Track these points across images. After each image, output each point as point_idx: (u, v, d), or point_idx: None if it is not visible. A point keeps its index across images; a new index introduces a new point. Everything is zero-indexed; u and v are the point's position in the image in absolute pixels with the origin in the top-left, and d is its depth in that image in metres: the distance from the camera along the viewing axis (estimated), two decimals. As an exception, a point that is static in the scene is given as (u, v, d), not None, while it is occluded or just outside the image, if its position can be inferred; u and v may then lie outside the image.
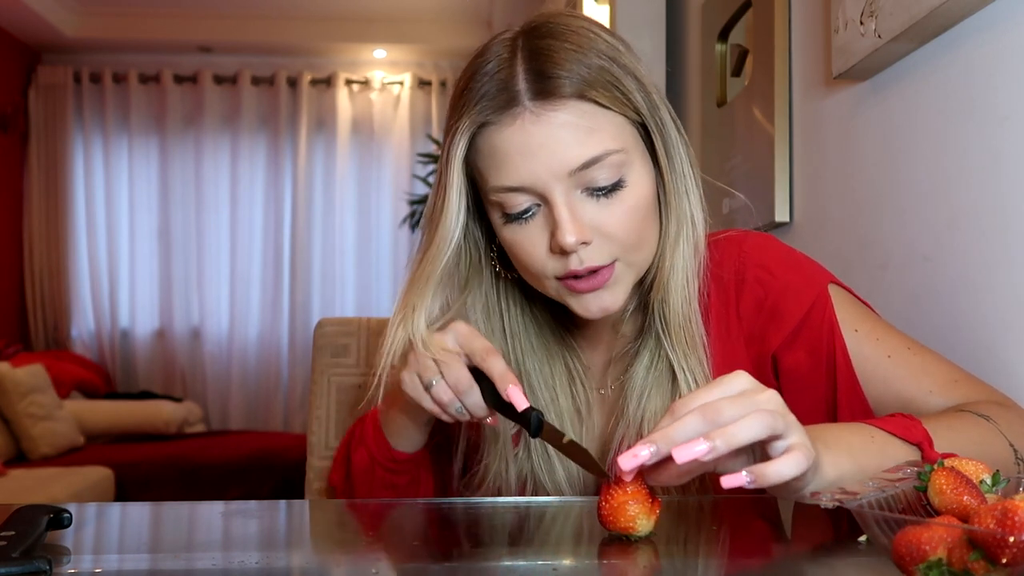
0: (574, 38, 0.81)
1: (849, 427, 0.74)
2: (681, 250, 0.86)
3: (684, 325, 0.87)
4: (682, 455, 0.60)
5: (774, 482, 0.60)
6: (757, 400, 0.63)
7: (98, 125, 5.56)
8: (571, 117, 0.79)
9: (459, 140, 0.82)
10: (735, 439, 0.60)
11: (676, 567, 0.63)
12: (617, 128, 0.81)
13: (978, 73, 0.98)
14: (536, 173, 0.79)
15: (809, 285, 0.89)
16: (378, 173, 5.71)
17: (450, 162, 0.83)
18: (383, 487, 0.98)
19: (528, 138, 0.79)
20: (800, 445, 0.62)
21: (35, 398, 4.03)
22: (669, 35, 2.22)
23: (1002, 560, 0.45)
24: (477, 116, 0.81)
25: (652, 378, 0.89)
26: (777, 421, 0.61)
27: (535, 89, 0.79)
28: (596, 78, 0.80)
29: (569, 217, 0.79)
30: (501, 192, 0.82)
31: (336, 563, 0.66)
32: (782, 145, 1.53)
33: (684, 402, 0.64)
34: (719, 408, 0.62)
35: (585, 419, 0.95)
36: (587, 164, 0.79)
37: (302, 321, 5.57)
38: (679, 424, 0.62)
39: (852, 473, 0.67)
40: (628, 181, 0.82)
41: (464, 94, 0.83)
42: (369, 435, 0.97)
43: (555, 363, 0.95)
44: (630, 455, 0.62)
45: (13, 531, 0.59)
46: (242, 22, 5.37)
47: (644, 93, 0.83)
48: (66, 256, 5.46)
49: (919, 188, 1.11)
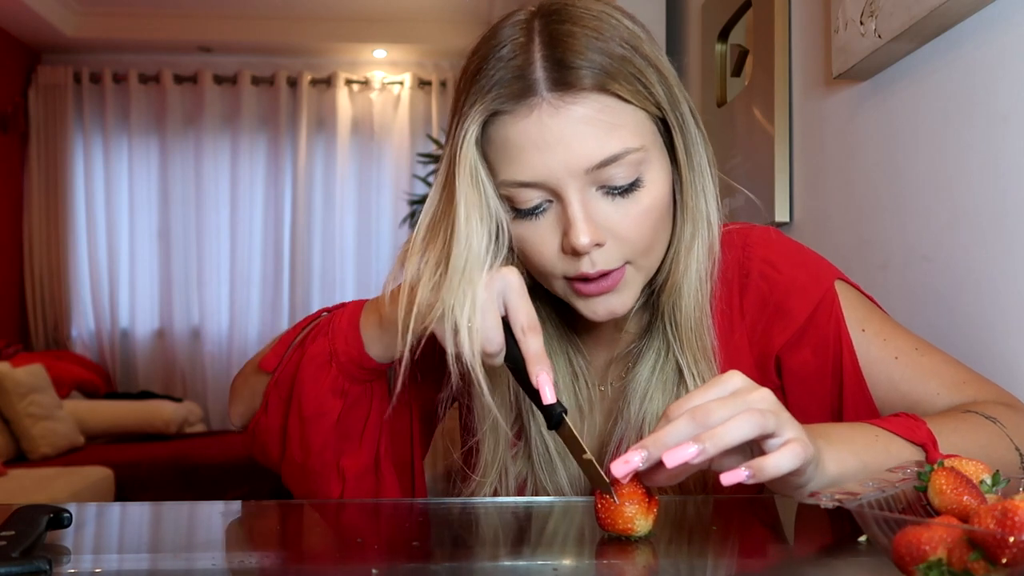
0: (595, 24, 0.76)
1: (852, 426, 0.73)
2: (696, 253, 0.83)
3: (696, 329, 0.84)
4: (672, 459, 0.60)
5: (772, 475, 0.60)
6: (749, 400, 0.63)
7: (98, 125, 5.56)
8: (591, 111, 0.75)
9: (470, 126, 0.77)
10: (723, 440, 0.60)
11: (676, 567, 0.63)
12: (638, 124, 0.77)
13: (978, 73, 0.98)
14: (551, 169, 0.75)
15: (815, 282, 0.87)
16: (378, 173, 5.71)
17: (460, 154, 0.77)
18: (330, 391, 0.88)
19: (545, 132, 0.75)
20: (796, 439, 0.62)
21: (35, 398, 4.03)
22: (669, 35, 2.22)
23: (1002, 560, 0.45)
24: (490, 103, 0.76)
25: (656, 380, 0.87)
26: (768, 420, 0.61)
27: (554, 79, 0.75)
28: (618, 69, 0.75)
29: (583, 217, 0.76)
30: (512, 187, 0.77)
31: (335, 563, 0.66)
32: (782, 145, 1.53)
33: (677, 405, 0.64)
34: (709, 410, 0.62)
35: (586, 417, 0.93)
36: (605, 162, 0.75)
37: (302, 321, 5.57)
38: (670, 428, 0.62)
39: (856, 470, 0.67)
40: (645, 180, 0.78)
41: (476, 79, 0.77)
42: (341, 329, 0.87)
43: (558, 359, 0.92)
44: (622, 462, 0.62)
45: (13, 531, 0.59)
46: (242, 22, 5.37)
47: (666, 86, 0.79)
48: (66, 256, 5.46)
49: (919, 188, 1.11)
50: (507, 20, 0.80)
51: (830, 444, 0.67)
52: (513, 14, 0.80)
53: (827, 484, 0.65)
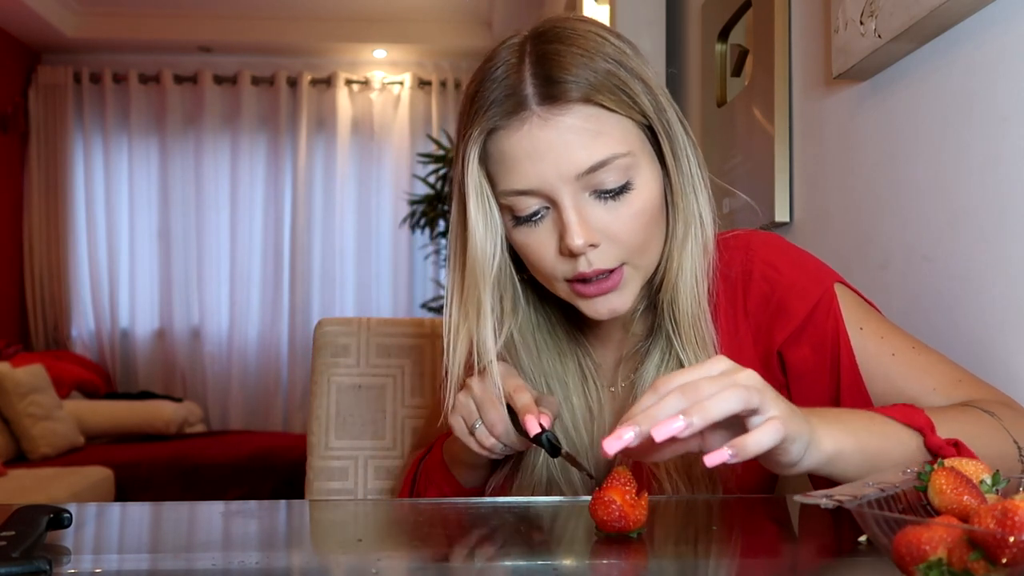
0: (581, 42, 0.82)
1: (850, 410, 0.76)
2: (689, 250, 0.87)
3: (694, 324, 0.88)
4: (660, 432, 0.61)
5: (754, 452, 0.61)
6: (736, 378, 0.64)
7: (98, 125, 5.56)
8: (578, 121, 0.80)
9: (472, 148, 0.84)
10: (710, 413, 0.61)
11: (676, 567, 0.63)
12: (624, 131, 0.82)
13: (978, 73, 0.98)
14: (544, 176, 0.80)
15: (815, 283, 0.90)
16: (378, 173, 5.71)
17: (467, 171, 0.84)
18: None
19: (536, 142, 0.80)
20: (777, 417, 0.63)
21: (35, 398, 4.03)
22: (669, 35, 2.22)
23: (1002, 560, 0.45)
24: (487, 123, 0.82)
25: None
26: (752, 395, 0.63)
27: (542, 94, 0.80)
28: (603, 82, 0.81)
29: (577, 220, 0.81)
30: (511, 195, 0.83)
31: (336, 563, 0.66)
32: (782, 145, 1.53)
33: (666, 381, 0.65)
34: (699, 386, 0.63)
35: (596, 417, 0.96)
36: (594, 167, 0.80)
37: (302, 321, 5.57)
38: (661, 403, 0.63)
39: (852, 448, 0.68)
40: (636, 184, 0.83)
41: (474, 101, 0.84)
42: (437, 475, 0.99)
43: (568, 361, 0.97)
44: (614, 438, 0.63)
45: (13, 531, 0.59)
46: (242, 22, 5.37)
47: (651, 96, 0.84)
48: (66, 256, 5.46)
49: (919, 188, 1.11)
50: (502, 44, 0.86)
51: (825, 422, 0.69)
52: (508, 38, 0.87)
53: (823, 461, 0.67)
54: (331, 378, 1.26)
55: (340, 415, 1.26)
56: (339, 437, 1.25)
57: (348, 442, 1.26)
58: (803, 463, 0.66)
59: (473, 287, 0.87)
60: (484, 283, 0.87)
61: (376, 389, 1.27)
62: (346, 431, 1.25)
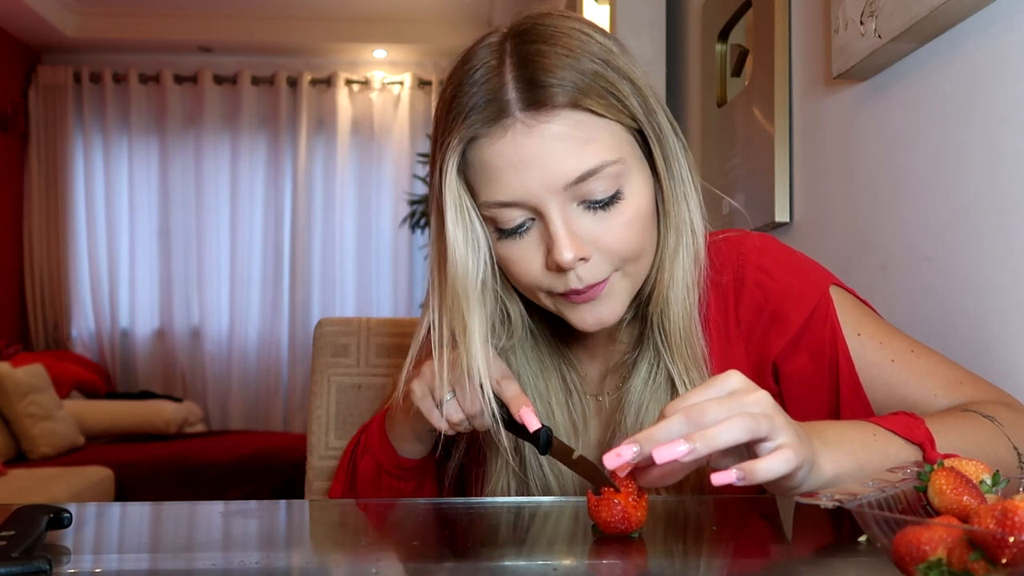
0: (565, 41, 0.77)
1: (851, 425, 0.73)
2: (681, 260, 0.84)
3: (685, 338, 0.85)
4: (662, 455, 0.60)
5: (762, 479, 0.60)
6: (745, 402, 0.63)
7: (98, 125, 5.56)
8: (565, 128, 0.75)
9: (451, 157, 0.78)
10: (714, 442, 0.60)
11: (675, 567, 0.63)
12: (613, 137, 0.78)
13: (978, 73, 0.98)
14: (529, 187, 0.76)
15: (810, 289, 0.87)
16: (378, 173, 5.71)
17: (445, 182, 0.79)
18: (389, 494, 0.97)
19: (520, 151, 0.75)
20: (789, 444, 0.62)
21: (35, 398, 4.03)
22: (669, 35, 2.22)
23: (1002, 560, 0.45)
24: (466, 131, 0.77)
25: (650, 391, 0.88)
26: (760, 424, 0.61)
27: (526, 99, 0.75)
28: (590, 85, 0.76)
29: (566, 233, 0.76)
30: (493, 207, 0.78)
31: (336, 563, 0.66)
32: (782, 145, 1.53)
33: (673, 404, 0.64)
34: (703, 410, 0.62)
35: (581, 432, 0.93)
36: (583, 177, 0.76)
37: (302, 321, 5.57)
38: (663, 425, 0.62)
39: (852, 471, 0.67)
40: (626, 192, 0.78)
41: (452, 106, 0.79)
42: (375, 442, 0.96)
43: (550, 376, 0.93)
44: (614, 454, 0.62)
45: (13, 531, 0.59)
46: (242, 22, 5.37)
47: (640, 97, 0.80)
48: (66, 256, 5.46)
49: (919, 188, 1.11)
50: (480, 43, 0.81)
51: (827, 445, 0.67)
52: (485, 37, 0.81)
53: (823, 485, 0.66)
54: (331, 378, 1.26)
55: (340, 415, 1.26)
56: (339, 437, 1.25)
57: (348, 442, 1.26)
58: (803, 487, 0.65)
59: (456, 307, 0.81)
60: (468, 303, 0.81)
61: (376, 389, 1.27)
62: (346, 431, 1.24)
